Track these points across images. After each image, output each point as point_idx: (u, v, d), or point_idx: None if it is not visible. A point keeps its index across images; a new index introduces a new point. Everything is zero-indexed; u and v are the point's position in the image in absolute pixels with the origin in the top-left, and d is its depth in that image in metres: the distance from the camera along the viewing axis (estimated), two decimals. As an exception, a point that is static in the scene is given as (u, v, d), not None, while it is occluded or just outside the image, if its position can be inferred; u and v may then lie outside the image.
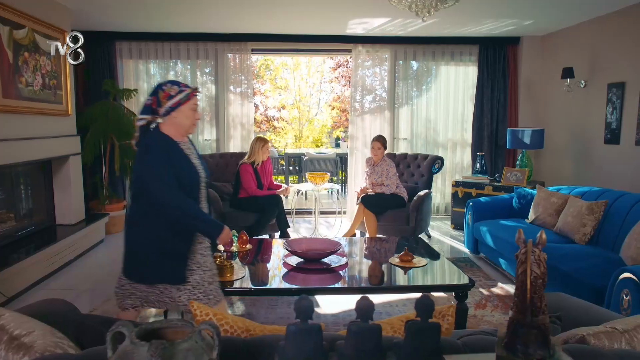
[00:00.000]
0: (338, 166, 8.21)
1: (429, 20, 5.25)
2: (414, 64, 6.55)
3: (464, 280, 2.99)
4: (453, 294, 3.03)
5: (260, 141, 5.02)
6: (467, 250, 5.05)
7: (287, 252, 3.41)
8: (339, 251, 3.39)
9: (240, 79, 6.37)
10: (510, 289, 4.01)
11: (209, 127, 6.48)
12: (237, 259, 3.54)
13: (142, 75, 6.29)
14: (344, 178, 8.33)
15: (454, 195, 5.94)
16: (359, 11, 5.01)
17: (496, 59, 6.34)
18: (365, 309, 0.96)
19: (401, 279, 3.15)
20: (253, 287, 2.96)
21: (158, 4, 4.77)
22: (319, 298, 3.74)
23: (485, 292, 3.95)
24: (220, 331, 0.95)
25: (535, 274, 0.96)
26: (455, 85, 6.55)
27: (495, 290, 4.00)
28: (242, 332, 1.51)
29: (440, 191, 6.71)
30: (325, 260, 3.33)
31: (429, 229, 5.69)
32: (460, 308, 2.94)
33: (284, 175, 8.64)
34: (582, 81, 5.34)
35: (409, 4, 3.78)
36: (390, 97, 6.49)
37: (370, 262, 3.59)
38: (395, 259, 3.36)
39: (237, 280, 3.00)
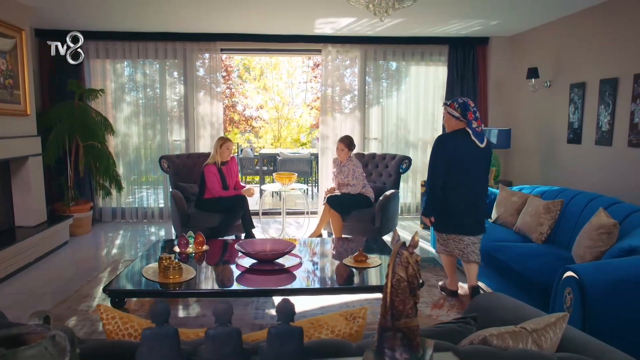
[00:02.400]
0: (313, 166, 8.18)
1: (393, 20, 5.29)
2: (384, 64, 6.56)
3: (413, 280, 2.97)
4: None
5: (220, 141, 4.97)
6: (433, 250, 5.05)
7: (241, 253, 3.38)
8: (292, 252, 3.37)
9: (209, 79, 6.32)
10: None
11: (178, 128, 6.42)
12: (194, 260, 3.51)
13: (109, 75, 6.21)
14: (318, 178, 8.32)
15: (423, 194, 5.95)
16: (323, 10, 5.00)
17: (466, 59, 6.36)
18: (223, 313, 0.94)
19: (352, 279, 3.14)
20: (198, 289, 2.92)
21: (122, 3, 4.69)
22: (276, 299, 3.72)
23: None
24: (74, 337, 0.92)
25: (399, 276, 0.94)
26: (425, 85, 6.57)
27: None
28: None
29: (412, 191, 6.73)
30: (280, 260, 3.31)
31: (397, 228, 5.68)
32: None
33: (258, 175, 8.58)
34: (547, 81, 5.39)
35: (366, 3, 3.76)
36: (361, 96, 6.49)
37: (325, 262, 3.58)
38: (349, 260, 3.35)
39: (185, 281, 2.97)
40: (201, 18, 5.34)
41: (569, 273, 2.68)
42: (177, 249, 3.67)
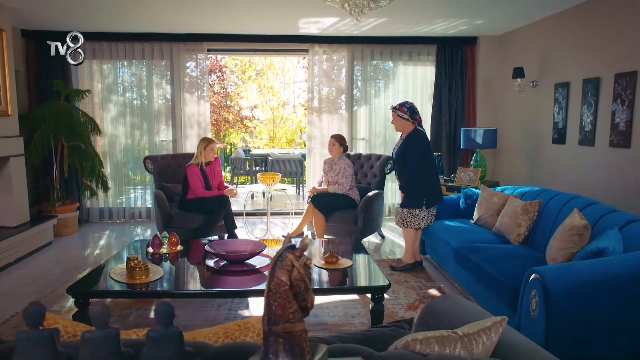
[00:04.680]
0: (304, 166, 8.16)
1: (377, 20, 5.26)
2: (372, 64, 6.52)
3: (380, 282, 2.95)
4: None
5: (204, 142, 4.96)
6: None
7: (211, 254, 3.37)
8: (263, 252, 3.36)
9: (196, 79, 6.32)
10: (449, 290, 3.99)
11: (165, 128, 6.41)
12: (168, 261, 3.51)
13: (96, 76, 6.22)
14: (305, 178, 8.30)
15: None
16: (304, 10, 4.98)
17: (454, 58, 6.32)
18: (100, 316, 0.92)
19: (320, 281, 3.11)
20: (162, 290, 2.90)
21: (105, 3, 4.68)
22: (251, 300, 3.70)
23: (422, 292, 3.92)
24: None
25: (279, 280, 0.92)
26: (413, 85, 6.53)
27: (432, 291, 3.97)
28: (70, 337, 1.47)
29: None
30: (250, 261, 3.29)
31: (382, 229, 5.66)
32: (375, 310, 2.91)
33: (249, 175, 8.57)
34: (533, 81, 5.34)
35: (341, 2, 3.74)
36: (348, 96, 6.46)
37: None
38: (320, 261, 3.32)
39: (152, 282, 2.95)
40: (187, 18, 5.33)
41: (535, 275, 2.64)
42: (150, 249, 3.66)
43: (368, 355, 1.24)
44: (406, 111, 4.21)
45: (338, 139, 5.19)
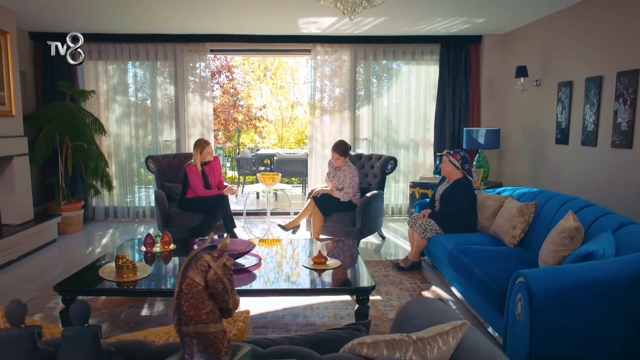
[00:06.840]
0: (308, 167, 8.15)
1: (376, 19, 5.24)
2: (375, 64, 6.48)
3: (364, 283, 2.92)
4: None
5: (199, 147, 4.95)
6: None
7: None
8: (252, 252, 3.37)
9: (199, 79, 6.36)
10: (442, 292, 3.93)
11: (169, 128, 6.48)
12: (160, 259, 3.55)
13: (101, 77, 6.32)
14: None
15: (412, 196, 5.86)
16: (299, 11, 4.96)
17: (458, 57, 6.23)
18: (13, 314, 0.92)
19: (306, 281, 3.10)
20: (145, 288, 2.92)
21: (107, 3, 4.74)
22: (241, 300, 3.70)
23: (415, 294, 3.87)
24: None
25: (191, 280, 0.91)
26: (417, 85, 6.46)
27: (425, 293, 3.92)
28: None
29: (403, 192, 6.63)
30: (240, 260, 3.30)
31: (383, 230, 5.61)
32: (360, 311, 2.88)
33: (255, 175, 8.60)
34: (537, 80, 5.23)
35: (334, 1, 3.72)
36: (351, 97, 6.43)
37: (284, 264, 3.54)
38: (308, 262, 3.31)
39: (139, 280, 2.98)
40: (188, 19, 5.37)
41: (520, 278, 2.58)
42: (143, 248, 3.70)
43: (309, 358, 1.23)
44: (459, 159, 4.23)
45: (341, 152, 4.96)
